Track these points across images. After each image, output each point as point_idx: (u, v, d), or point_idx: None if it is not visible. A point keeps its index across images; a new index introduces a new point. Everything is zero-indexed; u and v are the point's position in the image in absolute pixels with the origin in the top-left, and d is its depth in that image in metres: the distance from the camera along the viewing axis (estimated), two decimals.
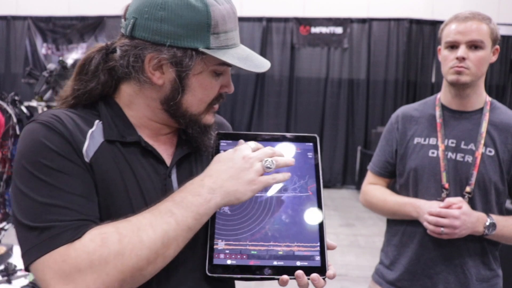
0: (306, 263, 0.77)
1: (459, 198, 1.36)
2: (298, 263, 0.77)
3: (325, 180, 7.07)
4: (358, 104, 7.74)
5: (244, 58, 0.80)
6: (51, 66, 3.46)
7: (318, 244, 0.79)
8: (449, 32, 1.39)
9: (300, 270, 0.75)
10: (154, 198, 0.77)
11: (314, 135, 0.88)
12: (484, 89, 1.47)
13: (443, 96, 1.50)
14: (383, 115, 7.59)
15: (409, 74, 7.65)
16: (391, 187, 1.62)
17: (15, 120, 2.26)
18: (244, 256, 0.78)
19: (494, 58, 1.43)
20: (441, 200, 1.38)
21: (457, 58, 1.36)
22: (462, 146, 1.42)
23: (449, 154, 1.43)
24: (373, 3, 7.60)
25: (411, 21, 7.51)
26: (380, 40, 7.62)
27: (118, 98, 0.84)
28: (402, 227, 1.51)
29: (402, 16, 7.51)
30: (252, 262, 0.77)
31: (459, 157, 1.42)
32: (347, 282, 3.60)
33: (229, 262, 0.77)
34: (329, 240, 0.81)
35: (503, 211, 1.44)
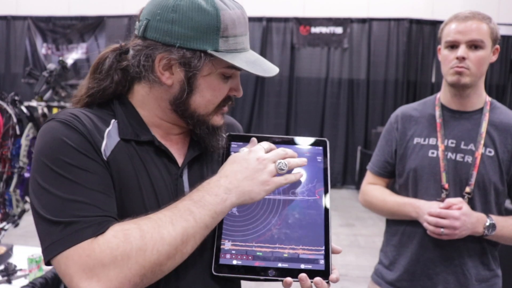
0: (310, 266, 0.78)
1: (459, 199, 1.36)
2: (302, 266, 0.78)
3: None
4: (358, 104, 7.74)
5: (252, 62, 0.82)
6: (51, 66, 3.46)
7: (323, 248, 0.80)
8: (449, 32, 1.39)
9: (304, 273, 0.76)
10: (166, 197, 0.81)
11: (324, 139, 0.89)
12: (484, 89, 1.47)
13: (443, 96, 1.50)
14: (383, 115, 7.59)
15: (409, 74, 7.65)
16: (391, 187, 1.62)
17: (15, 120, 2.26)
18: (250, 257, 0.80)
19: (494, 58, 1.42)
20: (441, 201, 1.38)
21: (457, 58, 1.36)
22: (462, 146, 1.42)
23: (449, 154, 1.43)
24: (373, 3, 7.60)
25: (411, 21, 7.51)
26: (380, 40, 7.62)
27: (132, 98, 0.86)
28: (401, 227, 1.51)
29: (402, 16, 7.51)
30: (257, 263, 0.79)
31: (459, 157, 1.41)
32: (347, 282, 3.60)
33: (234, 262, 0.79)
34: (334, 244, 0.82)
35: (502, 212, 1.44)
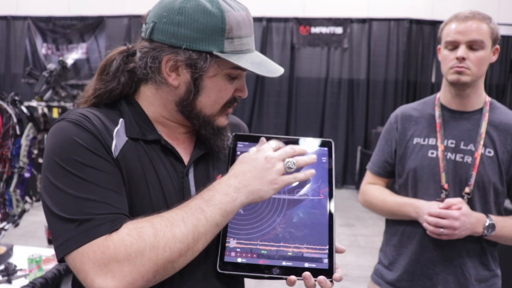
0: (314, 265, 0.79)
1: (459, 199, 1.36)
2: (306, 265, 0.79)
3: None
4: (358, 104, 7.74)
5: (257, 63, 0.83)
6: (51, 66, 3.46)
7: (327, 247, 0.81)
8: (449, 32, 1.39)
9: (308, 272, 0.77)
10: (173, 194, 0.83)
11: (330, 140, 0.90)
12: (484, 89, 1.47)
13: (443, 96, 1.49)
14: (383, 115, 7.59)
15: (409, 74, 7.65)
16: (390, 187, 1.62)
17: (15, 120, 2.25)
18: (254, 255, 0.81)
19: (494, 58, 1.42)
20: (441, 201, 1.38)
21: (457, 58, 1.36)
22: (462, 146, 1.42)
23: (449, 154, 1.43)
24: (373, 3, 7.60)
25: (411, 21, 7.51)
26: (380, 40, 7.62)
27: (138, 98, 0.88)
28: (401, 227, 1.51)
29: (402, 16, 7.51)
30: (262, 261, 0.80)
31: (458, 157, 1.41)
32: (347, 282, 3.60)
33: (239, 260, 0.81)
34: (338, 244, 0.83)
35: (502, 212, 1.44)
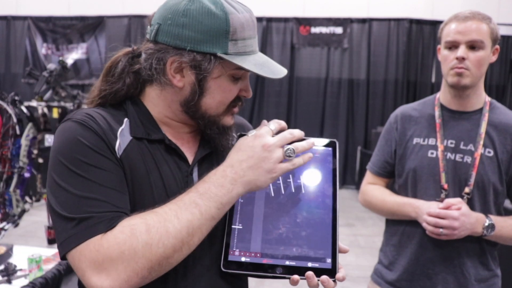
0: (317, 265, 0.79)
1: (458, 199, 1.36)
2: (309, 264, 0.79)
3: None
4: (358, 104, 7.74)
5: (260, 64, 0.83)
6: (51, 66, 3.46)
7: (330, 247, 0.81)
8: (449, 32, 1.39)
9: (311, 271, 0.77)
10: (176, 194, 0.81)
11: (334, 140, 0.90)
12: (483, 89, 1.47)
13: (443, 96, 1.49)
14: (383, 115, 7.59)
15: (409, 74, 7.65)
16: (390, 187, 1.62)
17: (15, 120, 2.26)
18: (258, 255, 0.81)
19: (494, 58, 1.42)
20: (440, 201, 1.38)
21: (457, 58, 1.36)
22: (461, 146, 1.42)
23: (448, 154, 1.43)
24: (373, 3, 7.60)
25: (411, 21, 7.51)
26: (380, 40, 7.62)
27: (143, 99, 0.89)
28: (401, 227, 1.51)
29: (402, 16, 7.51)
30: (265, 261, 0.80)
31: (458, 157, 1.41)
32: (347, 282, 3.60)
33: (243, 259, 0.81)
34: (341, 244, 0.83)
35: (501, 212, 1.44)
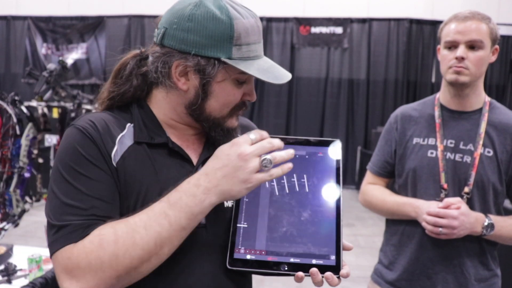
0: (321, 262, 0.80)
1: (458, 199, 1.36)
2: (313, 261, 0.80)
3: None
4: (358, 104, 7.74)
5: (264, 69, 0.84)
6: (51, 66, 3.46)
7: (334, 244, 0.82)
8: (448, 32, 1.39)
9: (315, 268, 0.78)
10: None
11: (337, 140, 0.91)
12: (483, 89, 1.47)
13: (442, 96, 1.50)
14: (383, 115, 7.59)
15: (409, 74, 7.65)
16: (390, 187, 1.62)
17: (15, 120, 2.26)
18: (263, 252, 0.82)
19: (493, 58, 1.42)
20: (440, 201, 1.38)
21: (456, 58, 1.36)
22: (461, 146, 1.42)
23: (448, 154, 1.43)
24: (373, 3, 7.60)
25: (411, 21, 7.51)
26: (380, 40, 7.62)
27: (149, 102, 0.91)
28: (401, 227, 1.51)
29: (402, 16, 7.51)
30: (270, 258, 0.81)
31: (457, 157, 1.42)
32: (347, 282, 3.59)
33: (248, 257, 0.82)
34: (345, 241, 0.84)
35: (501, 212, 1.44)
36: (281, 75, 0.86)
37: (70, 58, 8.15)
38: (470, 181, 1.39)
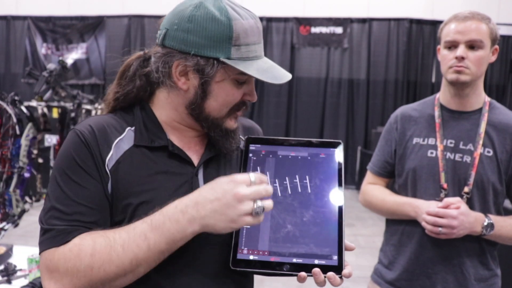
0: (323, 262, 0.81)
1: (457, 198, 1.36)
2: (316, 261, 0.81)
3: None
4: (358, 104, 7.74)
5: (264, 70, 0.84)
6: (51, 66, 3.46)
7: (336, 244, 0.83)
8: (448, 32, 1.39)
9: (317, 268, 0.79)
10: (173, 200, 0.81)
11: (339, 141, 0.92)
12: (483, 89, 1.47)
13: (442, 96, 1.50)
14: (383, 115, 7.59)
15: (409, 74, 7.65)
16: (390, 187, 1.62)
17: (15, 120, 2.26)
18: (266, 253, 0.82)
19: (493, 58, 1.43)
20: (440, 200, 1.38)
21: (456, 58, 1.36)
22: (461, 146, 1.42)
23: (448, 154, 1.43)
24: (373, 3, 7.60)
25: (411, 21, 7.51)
26: (380, 40, 7.62)
27: (152, 103, 0.92)
28: (401, 226, 1.51)
29: (402, 16, 7.51)
30: (273, 259, 0.82)
31: (457, 157, 1.42)
32: (347, 282, 3.57)
33: (251, 257, 0.82)
34: (347, 242, 0.85)
35: (501, 211, 1.44)
36: (280, 75, 0.86)
37: (70, 58, 8.15)
38: (470, 181, 1.39)
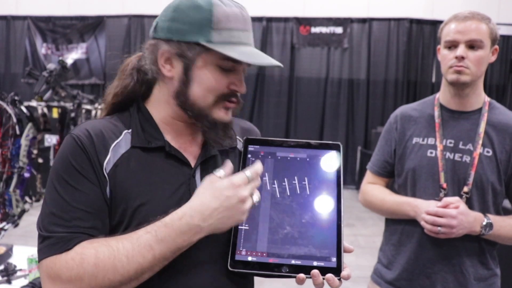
0: (322, 264, 0.81)
1: (457, 198, 1.36)
2: (314, 263, 0.81)
3: None
4: (358, 104, 7.74)
5: (247, 53, 0.83)
6: (51, 66, 3.46)
7: (335, 246, 0.83)
8: (448, 32, 1.40)
9: (316, 270, 0.79)
10: (172, 200, 0.83)
11: (338, 143, 0.92)
12: (483, 89, 1.47)
13: (442, 95, 1.50)
14: (383, 115, 7.59)
15: (409, 74, 7.65)
16: (390, 186, 1.63)
17: (15, 120, 2.26)
18: (264, 254, 0.82)
19: (493, 58, 1.43)
20: (439, 200, 1.38)
21: (456, 58, 1.36)
22: (460, 146, 1.42)
23: (447, 154, 1.43)
24: (373, 3, 7.60)
25: (411, 21, 7.52)
26: (380, 40, 7.63)
27: (148, 102, 0.92)
28: (400, 226, 1.51)
29: (402, 16, 7.51)
30: (272, 260, 0.82)
31: (457, 157, 1.42)
32: (347, 282, 3.58)
33: (250, 258, 0.82)
34: (346, 243, 0.85)
35: (500, 211, 1.44)
36: (264, 60, 0.83)
37: (70, 58, 8.15)
38: (469, 180, 1.39)
